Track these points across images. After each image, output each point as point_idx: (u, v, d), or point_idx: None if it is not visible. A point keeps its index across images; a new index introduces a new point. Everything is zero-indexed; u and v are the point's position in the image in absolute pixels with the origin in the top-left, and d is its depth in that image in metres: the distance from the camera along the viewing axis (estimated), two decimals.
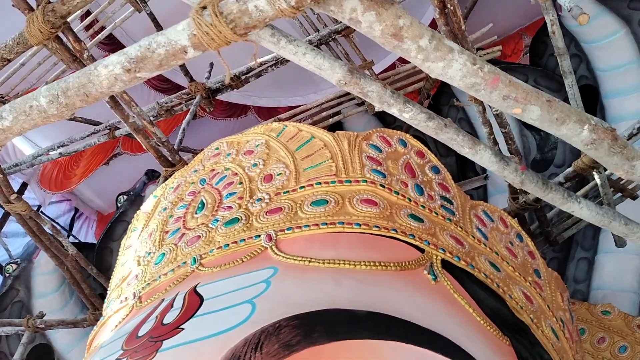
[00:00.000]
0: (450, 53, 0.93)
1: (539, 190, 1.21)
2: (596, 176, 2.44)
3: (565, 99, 2.11)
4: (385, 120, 4.93)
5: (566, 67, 2.30)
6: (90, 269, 3.19)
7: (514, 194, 2.73)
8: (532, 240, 1.66)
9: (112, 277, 1.75)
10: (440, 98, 4.91)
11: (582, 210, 1.26)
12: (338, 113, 4.68)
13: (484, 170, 4.41)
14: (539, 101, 0.97)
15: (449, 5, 1.96)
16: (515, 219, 1.89)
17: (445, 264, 1.30)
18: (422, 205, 1.46)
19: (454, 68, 0.93)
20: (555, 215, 3.21)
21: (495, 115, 2.46)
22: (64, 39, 2.18)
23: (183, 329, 1.06)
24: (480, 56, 1.21)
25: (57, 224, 7.50)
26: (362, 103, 4.44)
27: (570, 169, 2.50)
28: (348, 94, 4.52)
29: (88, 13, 3.94)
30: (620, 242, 2.73)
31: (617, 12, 3.79)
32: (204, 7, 0.88)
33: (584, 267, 3.88)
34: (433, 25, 2.02)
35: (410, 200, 1.46)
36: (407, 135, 1.68)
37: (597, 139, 1.02)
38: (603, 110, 3.97)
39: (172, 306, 1.17)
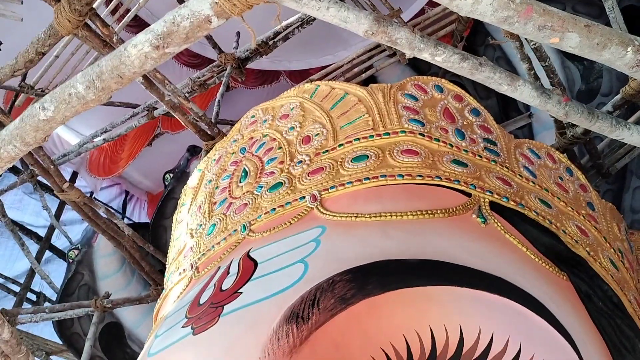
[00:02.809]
0: None
1: (585, 121, 1.17)
2: None
3: (608, 24, 2.00)
4: (420, 68, 4.82)
5: None
6: (147, 247, 3.32)
7: (560, 129, 2.65)
8: (583, 173, 1.62)
9: (168, 252, 1.81)
10: (475, 39, 4.74)
11: (633, 135, 1.21)
12: (370, 67, 4.60)
13: (527, 108, 4.27)
14: (576, 27, 0.92)
15: None
16: (565, 154, 1.83)
17: (494, 206, 1.28)
18: (464, 150, 1.44)
19: (484, 3, 0.90)
20: (606, 146, 3.11)
21: (533, 50, 2.37)
22: (93, 26, 2.21)
23: (241, 292, 1.09)
24: None
25: (111, 207, 7.79)
26: (394, 54, 4.35)
27: (618, 97, 2.40)
28: (378, 46, 4.42)
29: None
30: None
31: None
32: None
33: None
34: None
35: (451, 146, 1.44)
36: (443, 80, 1.65)
37: None
38: None
39: (228, 272, 1.20)
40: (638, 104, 2.60)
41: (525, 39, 2.29)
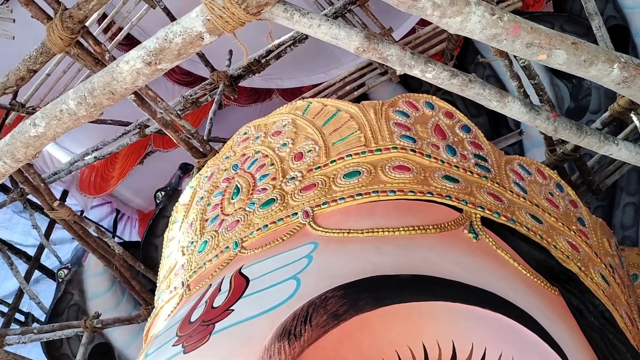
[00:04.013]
0: (467, 6, 0.91)
1: (574, 136, 1.18)
2: (634, 118, 2.36)
3: (595, 42, 2.04)
4: (411, 86, 4.87)
5: (591, 8, 2.22)
6: (138, 266, 3.29)
7: (550, 146, 2.68)
8: (573, 189, 1.63)
9: (159, 270, 1.80)
10: (465, 57, 4.81)
11: (621, 151, 1.23)
12: (362, 85, 4.64)
13: (518, 125, 4.31)
14: (564, 44, 0.94)
15: None
16: (555, 170, 1.85)
17: (485, 221, 1.29)
18: (455, 166, 1.45)
19: (473, 21, 0.91)
20: (596, 163, 3.14)
21: (523, 68, 2.40)
22: (85, 44, 2.22)
23: (233, 310, 1.08)
24: (501, 8, 1.18)
25: (102, 226, 7.73)
26: (386, 72, 4.39)
27: (606, 114, 2.43)
28: (370, 64, 4.46)
29: (104, 16, 3.99)
30: None
31: None
32: None
33: (630, 212, 3.79)
34: None
35: (443, 162, 1.45)
36: (434, 97, 1.66)
37: (629, 76, 0.98)
38: (635, 49, 3.82)
39: (220, 290, 1.19)
40: (626, 121, 2.63)
41: (515, 57, 2.32)
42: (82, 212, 7.53)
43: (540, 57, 0.95)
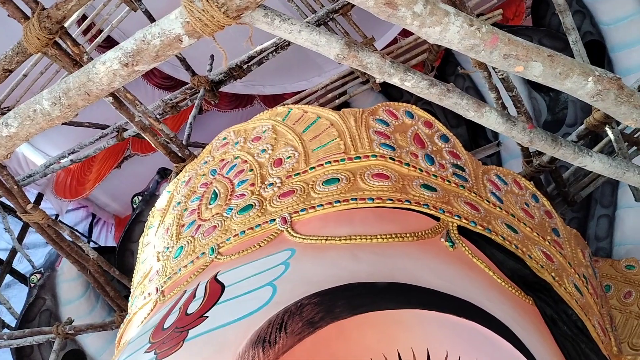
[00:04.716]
0: (446, 16, 0.92)
1: (549, 147, 1.20)
2: (609, 131, 2.41)
3: (572, 57, 2.07)
4: (392, 95, 4.89)
5: (568, 23, 2.26)
6: (113, 272, 3.23)
7: (527, 157, 2.71)
8: (549, 200, 1.65)
9: (133, 275, 1.77)
10: (445, 68, 4.85)
11: (595, 163, 1.25)
12: (344, 93, 4.66)
13: (496, 136, 4.36)
14: (540, 57, 0.95)
15: None
16: (531, 182, 1.87)
17: (462, 230, 1.30)
18: (433, 175, 1.46)
19: (451, 31, 0.92)
20: (571, 175, 3.18)
21: (501, 80, 2.43)
22: (63, 45, 2.18)
23: (207, 316, 1.07)
24: (480, 21, 1.19)
25: (76, 230, 7.60)
26: (367, 81, 4.41)
27: (582, 127, 2.47)
28: (352, 72, 4.48)
29: (84, 17, 3.95)
30: (639, 196, 2.70)
31: None
32: None
33: (604, 224, 3.85)
34: None
35: (421, 170, 1.46)
36: (414, 106, 1.67)
37: (603, 89, 1.00)
38: (611, 64, 3.89)
39: (194, 296, 1.18)
40: (601, 134, 2.68)
41: (494, 69, 2.35)
42: (57, 215, 7.40)
43: (517, 68, 0.97)
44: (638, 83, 2.44)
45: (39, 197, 7.29)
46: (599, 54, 3.95)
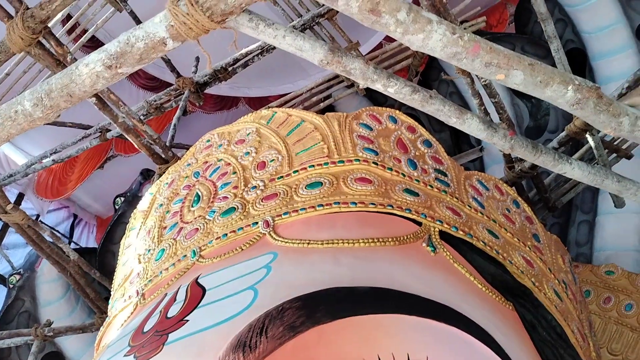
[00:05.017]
0: (429, 24, 0.93)
1: (529, 154, 1.22)
2: (589, 138, 2.45)
3: (554, 64, 2.10)
4: (377, 100, 4.92)
5: (550, 31, 2.29)
6: (94, 273, 3.20)
7: (509, 163, 2.74)
8: (530, 206, 1.67)
9: (114, 278, 1.75)
10: (429, 74, 4.89)
11: (574, 170, 1.27)
12: (329, 97, 4.67)
13: (479, 142, 4.41)
14: (521, 65, 0.97)
15: None
16: (513, 187, 1.89)
17: (444, 235, 1.31)
18: (416, 180, 1.47)
19: (434, 39, 0.93)
20: (553, 181, 3.22)
21: (484, 86, 2.46)
22: (47, 45, 2.16)
23: (188, 320, 1.06)
24: (465, 28, 1.21)
25: (57, 231, 7.51)
26: (352, 85, 4.43)
27: (563, 134, 2.51)
28: (337, 76, 4.50)
29: (69, 17, 3.91)
30: (618, 202, 2.74)
31: None
32: None
33: (585, 230, 3.90)
34: (416, 2, 2.00)
35: (404, 175, 1.47)
36: (397, 111, 1.68)
37: (582, 98, 1.02)
38: (592, 73, 3.96)
39: (175, 299, 1.17)
40: (582, 141, 2.72)
41: (476, 75, 2.38)
42: (37, 216, 7.30)
43: (499, 76, 0.98)
44: (618, 92, 2.49)
45: (20, 197, 7.19)
46: (580, 61, 4.02)
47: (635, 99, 1.33)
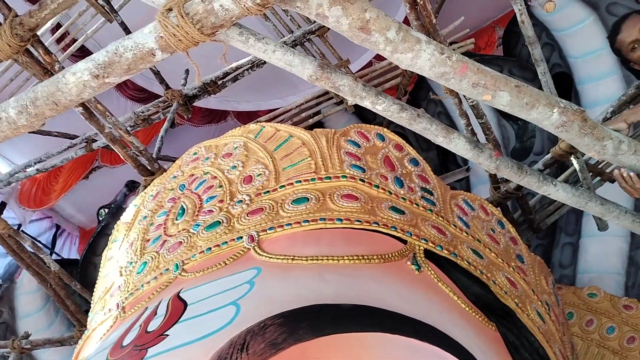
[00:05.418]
0: (417, 44, 0.94)
1: (515, 175, 1.22)
2: (574, 161, 2.48)
3: (540, 88, 2.13)
4: (366, 117, 4.95)
5: (537, 55, 2.33)
6: (74, 285, 3.15)
7: (495, 183, 2.76)
8: (514, 227, 1.68)
9: (95, 289, 1.73)
10: (418, 93, 4.94)
11: (559, 192, 1.28)
12: (318, 113, 4.69)
13: (465, 162, 4.44)
14: (507, 87, 0.98)
15: (419, 0, 1.97)
16: (498, 207, 1.90)
17: (428, 254, 1.30)
18: (402, 198, 1.47)
19: (423, 58, 0.94)
20: (538, 202, 3.25)
21: (471, 107, 2.48)
22: (35, 53, 2.15)
23: (168, 335, 1.05)
24: (453, 49, 1.22)
25: (39, 241, 7.40)
26: (341, 102, 4.45)
27: (548, 156, 2.53)
28: (327, 93, 4.52)
29: (59, 26, 3.90)
30: (602, 226, 2.77)
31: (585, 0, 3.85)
32: (170, 9, 0.88)
33: (568, 252, 3.93)
34: (406, 23, 2.03)
35: (390, 193, 1.47)
36: (385, 129, 1.69)
37: (567, 121, 1.03)
38: (578, 96, 4.02)
39: (155, 313, 1.15)
40: (567, 163, 2.75)
41: (464, 96, 2.40)
42: (19, 225, 7.19)
43: (485, 97, 0.99)
44: (602, 116, 2.52)
45: (2, 206, 7.08)
46: (566, 85, 4.08)
47: (620, 124, 1.35)
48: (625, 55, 2.00)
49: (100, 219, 4.46)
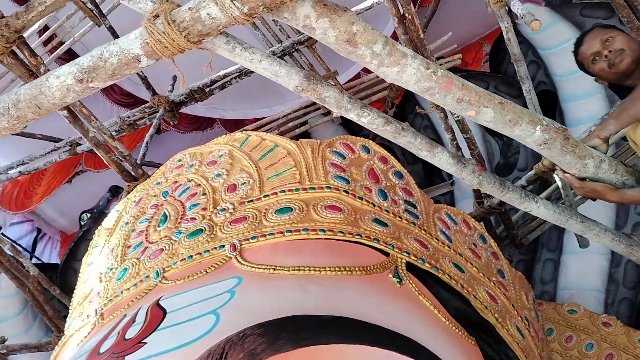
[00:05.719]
0: (403, 58, 0.95)
1: (497, 191, 1.23)
2: (557, 178, 2.49)
3: (525, 105, 2.16)
4: (353, 129, 4.96)
5: (523, 72, 2.36)
6: (54, 290, 3.11)
7: (479, 198, 2.78)
8: (496, 242, 1.69)
9: (74, 295, 1.70)
10: (405, 106, 4.96)
11: (540, 209, 1.29)
12: (305, 123, 4.70)
13: (450, 176, 4.47)
14: (491, 103, 0.99)
15: (407, 15, 1.99)
16: (482, 222, 1.92)
17: (410, 267, 1.31)
18: (386, 210, 1.47)
19: (408, 72, 0.95)
20: (520, 218, 3.27)
21: (457, 122, 2.50)
22: (20, 55, 2.13)
23: (146, 343, 1.03)
24: (440, 65, 1.23)
25: (19, 245, 7.29)
26: (329, 113, 4.47)
27: (531, 172, 2.55)
28: (314, 103, 4.54)
29: (46, 28, 3.87)
30: (583, 243, 2.79)
31: (571, 19, 3.91)
32: (157, 16, 0.88)
33: (550, 268, 3.95)
34: (395, 37, 2.05)
35: (374, 205, 1.47)
36: (371, 141, 1.70)
37: (550, 138, 1.04)
38: (562, 114, 4.07)
39: (134, 321, 1.14)
40: (550, 180, 2.77)
41: (450, 111, 2.42)
42: None
43: (470, 113, 1.00)
44: (585, 134, 2.56)
45: None
46: (551, 103, 4.13)
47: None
48: (587, 68, 2.02)
49: (82, 223, 4.42)
